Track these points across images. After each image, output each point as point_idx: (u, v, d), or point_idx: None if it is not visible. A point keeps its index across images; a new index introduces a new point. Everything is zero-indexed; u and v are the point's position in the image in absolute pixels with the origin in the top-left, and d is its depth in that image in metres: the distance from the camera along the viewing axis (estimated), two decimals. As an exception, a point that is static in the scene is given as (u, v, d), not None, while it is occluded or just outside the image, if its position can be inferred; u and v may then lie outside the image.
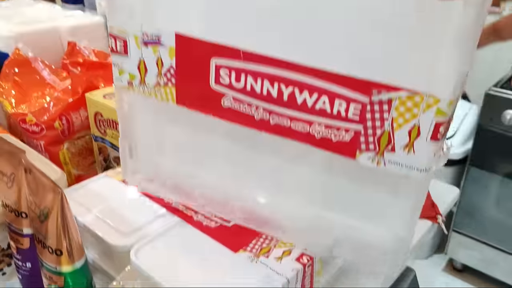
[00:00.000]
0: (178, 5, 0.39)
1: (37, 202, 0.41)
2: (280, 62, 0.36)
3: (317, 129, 0.38)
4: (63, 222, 0.40)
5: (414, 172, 0.36)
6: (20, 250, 0.47)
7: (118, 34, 0.41)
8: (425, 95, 0.33)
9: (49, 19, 0.90)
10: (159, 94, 0.43)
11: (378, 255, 0.45)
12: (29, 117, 0.68)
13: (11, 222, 0.47)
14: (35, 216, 0.42)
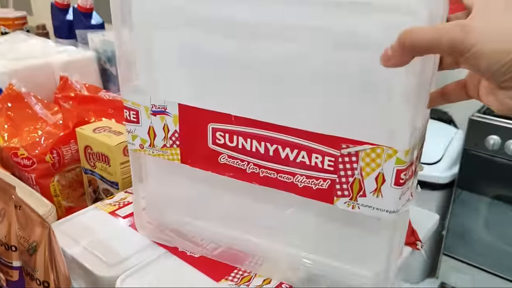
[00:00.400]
0: (180, 82, 0.46)
1: (26, 236, 0.43)
2: (265, 125, 0.42)
3: (300, 179, 0.43)
4: (50, 255, 0.42)
5: (384, 213, 0.40)
6: (10, 282, 0.49)
7: (132, 107, 0.48)
8: (385, 147, 0.37)
9: (43, 54, 0.93)
10: (166, 155, 0.49)
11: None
12: (20, 151, 0.70)
13: (1, 255, 0.48)
14: (24, 250, 0.44)
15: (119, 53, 0.47)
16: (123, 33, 0.46)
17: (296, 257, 0.50)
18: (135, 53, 0.47)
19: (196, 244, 0.53)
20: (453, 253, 1.69)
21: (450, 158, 1.66)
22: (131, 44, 0.47)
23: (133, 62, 0.48)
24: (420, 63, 0.35)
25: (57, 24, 1.14)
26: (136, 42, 0.47)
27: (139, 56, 0.47)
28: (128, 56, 0.47)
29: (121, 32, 0.46)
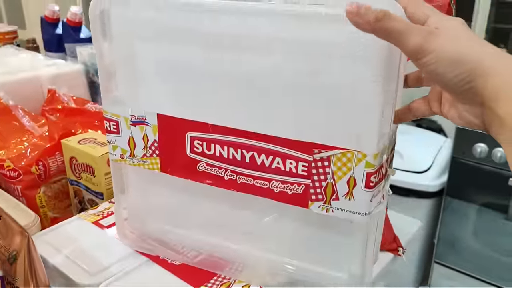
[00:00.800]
0: (158, 92, 0.48)
1: (7, 245, 0.44)
2: (241, 132, 0.44)
3: (275, 185, 0.44)
4: (30, 264, 0.43)
5: (356, 216, 0.42)
6: (-9, 292, 0.50)
7: (112, 117, 0.49)
8: (355, 151, 0.39)
9: (31, 68, 0.94)
10: (146, 164, 0.50)
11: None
12: (6, 162, 0.71)
13: (-16, 265, 0.49)
14: (5, 259, 0.45)
15: (99, 64, 0.48)
16: (103, 44, 0.47)
17: (275, 262, 0.50)
18: (115, 64, 0.49)
19: (177, 252, 0.54)
20: (444, 261, 1.70)
21: (439, 167, 1.67)
22: (111, 55, 0.48)
23: (113, 73, 0.49)
24: (384, 70, 0.36)
25: (47, 38, 1.16)
26: (116, 54, 0.48)
27: (119, 67, 0.49)
28: (108, 67, 0.48)
29: (101, 44, 0.47)
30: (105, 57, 0.48)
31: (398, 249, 0.70)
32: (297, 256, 0.50)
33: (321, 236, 0.47)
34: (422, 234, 1.74)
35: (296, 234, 0.49)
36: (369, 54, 0.37)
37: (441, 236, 1.67)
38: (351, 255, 0.46)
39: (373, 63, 0.37)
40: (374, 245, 0.46)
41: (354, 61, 0.38)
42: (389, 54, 0.36)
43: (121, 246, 0.56)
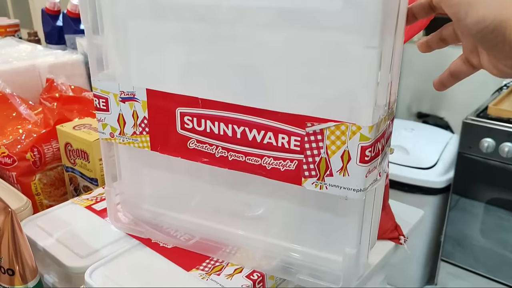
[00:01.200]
0: (148, 67, 0.47)
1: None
2: (231, 106, 0.42)
3: (267, 161, 0.43)
4: (14, 241, 0.42)
5: (351, 192, 0.40)
6: (-21, 274, 0.49)
7: (101, 94, 0.48)
8: (349, 124, 0.37)
9: (30, 58, 0.94)
10: (136, 142, 0.48)
11: (331, 276, 0.46)
12: (1, 149, 0.70)
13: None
14: (-10, 238, 0.44)
15: (88, 40, 0.47)
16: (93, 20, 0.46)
17: (268, 244, 0.49)
18: (106, 43, 0.47)
19: (169, 236, 0.53)
20: (451, 259, 1.67)
21: (445, 163, 1.65)
22: (102, 34, 0.47)
23: (104, 51, 0.48)
24: (378, 35, 0.35)
25: (47, 30, 1.15)
26: (106, 31, 0.47)
27: (109, 45, 0.47)
28: (98, 46, 0.47)
29: (90, 19, 0.46)
30: (95, 35, 0.47)
31: (399, 237, 0.68)
32: (292, 239, 0.48)
33: (315, 216, 0.46)
34: (429, 232, 1.71)
35: (290, 216, 0.47)
36: (363, 22, 0.35)
37: (447, 234, 1.64)
38: (346, 236, 0.44)
39: (367, 31, 0.35)
40: (370, 226, 0.44)
41: (348, 30, 0.37)
42: (383, 22, 0.35)
43: (112, 230, 0.55)
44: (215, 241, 0.51)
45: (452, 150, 1.67)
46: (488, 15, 0.29)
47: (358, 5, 0.35)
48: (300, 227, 0.48)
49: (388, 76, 0.38)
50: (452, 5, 0.30)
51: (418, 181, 1.63)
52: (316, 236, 0.47)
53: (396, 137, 1.73)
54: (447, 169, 1.63)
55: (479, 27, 0.29)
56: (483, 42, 0.31)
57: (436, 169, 1.63)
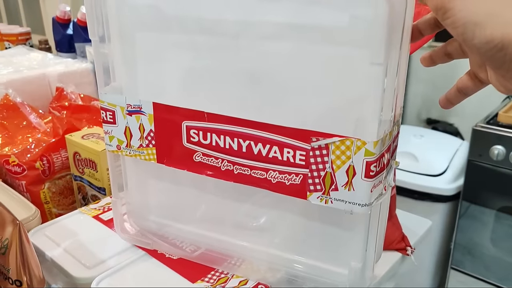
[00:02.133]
0: (154, 80, 0.47)
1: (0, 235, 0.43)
2: (237, 120, 0.42)
3: (273, 175, 0.43)
4: (22, 252, 0.42)
5: (357, 207, 0.40)
6: (-12, 284, 0.49)
7: (108, 107, 0.48)
8: (354, 139, 0.38)
9: (40, 66, 0.95)
10: (143, 155, 0.49)
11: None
12: (11, 158, 0.71)
13: (-19, 257, 0.49)
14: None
15: (96, 53, 0.48)
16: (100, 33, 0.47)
17: (274, 257, 0.49)
18: (112, 55, 0.48)
19: (175, 247, 0.53)
20: (461, 268, 1.65)
21: (455, 170, 1.63)
22: (108, 45, 0.48)
23: (111, 64, 0.49)
24: (384, 52, 0.35)
25: (58, 39, 1.17)
26: (113, 44, 0.47)
27: (116, 57, 0.48)
28: (105, 58, 0.48)
29: (97, 32, 0.46)
30: (102, 47, 0.47)
31: (406, 248, 0.68)
32: (296, 251, 0.48)
33: (321, 229, 0.46)
34: (438, 239, 1.70)
35: (295, 228, 0.47)
36: (369, 38, 0.35)
37: (457, 242, 1.63)
38: (352, 249, 0.44)
39: (372, 48, 0.35)
40: (376, 239, 0.44)
41: (354, 45, 0.37)
42: (389, 38, 0.35)
43: (119, 240, 0.55)
44: (220, 252, 0.51)
45: (462, 157, 1.66)
46: (496, 34, 0.29)
47: (364, 21, 0.35)
48: (305, 239, 0.48)
49: (394, 91, 0.38)
50: (459, 26, 0.30)
51: (427, 188, 1.61)
52: (321, 249, 0.47)
53: (405, 143, 1.72)
54: (457, 176, 1.62)
55: (487, 47, 0.29)
56: (491, 61, 0.31)
57: (445, 176, 1.62)
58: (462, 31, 0.30)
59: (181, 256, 0.52)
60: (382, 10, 0.34)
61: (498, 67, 0.31)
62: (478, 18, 0.29)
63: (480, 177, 1.50)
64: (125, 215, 0.56)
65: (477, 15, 0.29)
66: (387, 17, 0.34)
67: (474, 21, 0.29)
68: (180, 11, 0.43)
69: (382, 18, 0.33)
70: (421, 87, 2.03)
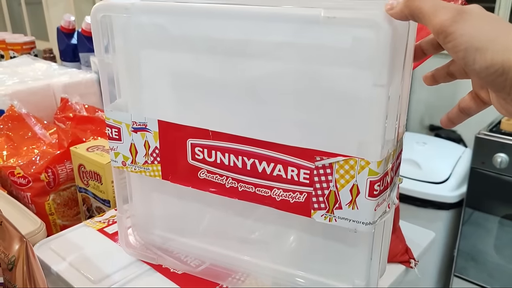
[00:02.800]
0: (159, 99, 0.48)
1: (6, 251, 0.44)
2: (242, 139, 0.43)
3: (277, 193, 0.43)
4: (28, 269, 0.42)
5: (360, 225, 0.40)
6: (-7, 298, 0.50)
7: (113, 124, 0.49)
8: (357, 158, 0.38)
9: (45, 77, 0.96)
10: (148, 171, 0.49)
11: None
12: (17, 170, 0.71)
13: (-12, 272, 0.49)
14: (5, 265, 0.45)
15: (101, 71, 0.48)
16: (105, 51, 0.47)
17: (278, 272, 0.49)
18: (118, 72, 0.49)
19: (180, 261, 0.53)
20: (465, 275, 1.65)
21: (458, 177, 1.63)
22: (114, 63, 0.48)
23: (116, 81, 0.49)
24: (387, 74, 0.35)
25: (62, 48, 1.18)
26: (118, 62, 0.48)
27: (121, 74, 0.48)
28: (110, 75, 0.48)
29: (103, 50, 0.47)
30: (108, 65, 0.48)
31: (410, 261, 0.68)
32: (301, 267, 0.48)
33: (325, 246, 0.46)
34: (441, 247, 1.70)
35: (300, 244, 0.48)
36: (372, 59, 0.35)
37: (460, 249, 1.63)
38: (356, 266, 0.44)
39: (376, 68, 0.35)
40: (380, 256, 0.44)
41: (357, 66, 0.37)
42: (392, 60, 0.35)
43: (124, 254, 0.55)
44: (225, 267, 0.52)
45: (465, 164, 1.66)
46: (496, 60, 0.29)
47: (367, 43, 0.35)
48: (309, 255, 0.48)
49: (397, 111, 0.38)
50: (460, 50, 0.30)
51: (430, 196, 1.61)
52: (325, 265, 0.47)
53: (408, 150, 1.72)
54: (460, 184, 1.61)
55: (488, 72, 0.30)
56: (492, 85, 0.31)
57: (448, 184, 1.62)
58: (463, 56, 0.30)
59: (186, 271, 0.52)
60: (385, 32, 0.34)
61: (499, 91, 0.31)
62: (479, 43, 0.30)
63: (483, 184, 1.50)
64: (130, 228, 0.56)
65: (478, 40, 0.30)
66: (390, 39, 0.34)
67: (475, 46, 0.30)
68: (186, 30, 0.43)
69: (385, 40, 0.34)
70: (424, 94, 2.04)
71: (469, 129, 1.91)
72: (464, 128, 1.98)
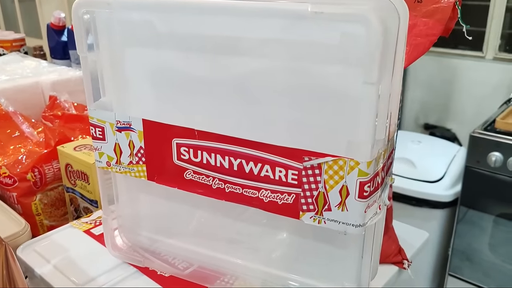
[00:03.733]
0: (143, 98, 0.46)
1: (-14, 255, 0.42)
2: (228, 139, 0.41)
3: (265, 194, 0.42)
4: (8, 274, 0.41)
5: (350, 227, 0.39)
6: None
7: (97, 123, 0.48)
8: (347, 159, 0.37)
9: (34, 74, 0.94)
10: (133, 172, 0.48)
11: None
12: (2, 169, 0.70)
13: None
14: (-15, 269, 0.43)
15: (84, 69, 0.47)
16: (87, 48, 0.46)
17: (268, 274, 0.48)
18: (102, 70, 0.47)
19: (167, 263, 0.52)
20: (459, 274, 1.64)
21: (453, 176, 1.63)
22: (98, 60, 0.47)
23: (100, 79, 0.48)
24: (377, 71, 0.34)
25: (52, 45, 1.16)
26: (102, 59, 0.47)
27: (105, 72, 0.47)
28: (93, 73, 0.47)
29: (85, 48, 0.46)
30: (91, 63, 0.47)
31: (403, 262, 0.67)
32: (290, 269, 0.47)
33: (314, 248, 0.45)
34: (436, 246, 1.69)
35: (289, 246, 0.46)
36: (362, 56, 0.34)
37: (455, 248, 1.62)
38: (346, 268, 0.43)
39: (366, 65, 0.34)
40: (371, 259, 0.43)
41: (346, 64, 0.36)
42: (382, 57, 0.34)
43: (110, 257, 0.54)
44: (213, 270, 0.51)
45: (460, 163, 1.65)
46: None
47: (357, 39, 0.34)
48: (298, 257, 0.47)
49: (387, 109, 0.37)
50: None
51: (425, 195, 1.61)
52: (315, 267, 0.46)
53: (402, 149, 1.71)
54: (455, 183, 1.61)
55: None
56: None
57: (443, 183, 1.61)
58: None
59: (173, 273, 0.51)
60: (375, 28, 0.33)
61: None
62: None
63: (478, 183, 1.49)
64: (116, 229, 0.55)
65: None
66: (380, 35, 0.33)
67: None
68: (170, 27, 0.42)
69: (375, 36, 0.33)
70: (419, 92, 2.03)
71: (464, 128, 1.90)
72: (459, 126, 1.98)
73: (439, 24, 0.56)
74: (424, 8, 0.57)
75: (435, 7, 0.57)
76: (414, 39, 0.57)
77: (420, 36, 0.56)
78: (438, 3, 0.57)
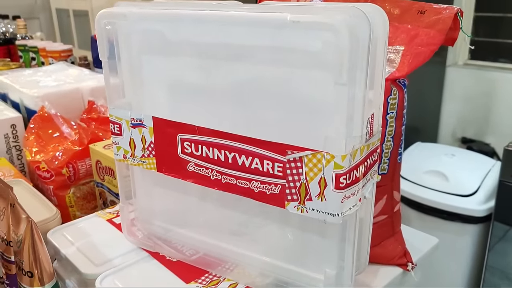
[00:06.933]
0: (154, 98, 0.53)
1: (16, 231, 0.49)
2: (224, 134, 0.46)
3: (255, 185, 0.46)
4: (33, 247, 0.47)
5: (329, 216, 0.43)
6: (9, 276, 0.55)
7: (116, 120, 0.54)
8: (324, 153, 0.40)
9: (76, 81, 1.03)
10: (145, 164, 0.54)
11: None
12: (42, 164, 0.78)
13: (3, 251, 0.55)
14: (15, 244, 0.50)
15: (105, 73, 0.53)
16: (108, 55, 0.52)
17: (262, 262, 0.52)
18: (122, 75, 0.54)
19: (176, 250, 0.57)
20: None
21: (487, 190, 1.59)
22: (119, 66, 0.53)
23: (120, 82, 0.54)
24: (346, 74, 0.38)
25: (95, 55, 1.26)
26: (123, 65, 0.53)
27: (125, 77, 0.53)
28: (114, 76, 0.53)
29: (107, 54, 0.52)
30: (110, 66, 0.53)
31: (407, 264, 0.69)
32: (284, 258, 0.51)
33: (302, 237, 0.49)
34: (469, 262, 1.65)
35: (279, 235, 0.50)
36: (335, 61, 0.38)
37: (489, 264, 1.58)
38: (327, 256, 0.47)
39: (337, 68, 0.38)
40: (353, 249, 0.46)
41: (324, 68, 0.40)
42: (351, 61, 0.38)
43: (126, 242, 0.60)
44: (217, 257, 0.55)
45: (495, 177, 1.61)
46: None
47: (330, 46, 0.38)
48: (290, 246, 0.50)
49: (362, 109, 0.40)
50: None
51: (457, 209, 1.58)
52: (305, 257, 0.50)
53: (435, 162, 1.69)
54: (489, 197, 1.57)
55: None
56: None
57: (476, 197, 1.58)
58: None
59: (180, 259, 0.56)
60: (342, 35, 0.37)
61: None
62: None
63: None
64: (134, 220, 0.61)
65: None
66: (347, 41, 0.37)
67: None
68: (179, 37, 0.48)
69: (343, 43, 0.37)
70: (456, 105, 2.00)
71: (502, 142, 1.86)
72: (497, 140, 1.93)
73: (440, 34, 0.59)
74: (426, 19, 0.60)
75: (436, 18, 0.59)
76: (415, 48, 0.60)
77: (422, 45, 0.59)
78: (440, 14, 0.59)
